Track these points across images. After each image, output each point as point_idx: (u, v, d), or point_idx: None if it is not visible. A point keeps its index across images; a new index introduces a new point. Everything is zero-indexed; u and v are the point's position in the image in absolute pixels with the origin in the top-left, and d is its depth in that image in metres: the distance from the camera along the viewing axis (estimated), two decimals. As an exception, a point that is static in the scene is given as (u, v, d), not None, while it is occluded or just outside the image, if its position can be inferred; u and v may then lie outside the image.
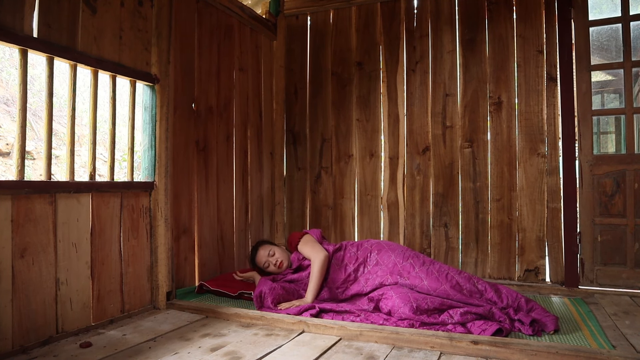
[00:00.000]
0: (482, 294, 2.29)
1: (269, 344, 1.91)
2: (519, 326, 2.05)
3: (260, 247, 2.83)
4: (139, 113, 2.52)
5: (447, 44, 3.26)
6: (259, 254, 2.80)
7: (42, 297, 1.89)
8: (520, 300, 2.24)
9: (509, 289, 2.32)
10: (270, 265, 2.75)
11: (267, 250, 2.79)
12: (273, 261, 2.75)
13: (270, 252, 2.78)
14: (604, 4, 6.24)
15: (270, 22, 3.64)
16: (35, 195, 1.87)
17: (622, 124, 5.52)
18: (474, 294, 2.28)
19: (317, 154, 3.67)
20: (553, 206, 2.96)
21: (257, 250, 2.82)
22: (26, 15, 1.85)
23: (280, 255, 2.77)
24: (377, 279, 2.43)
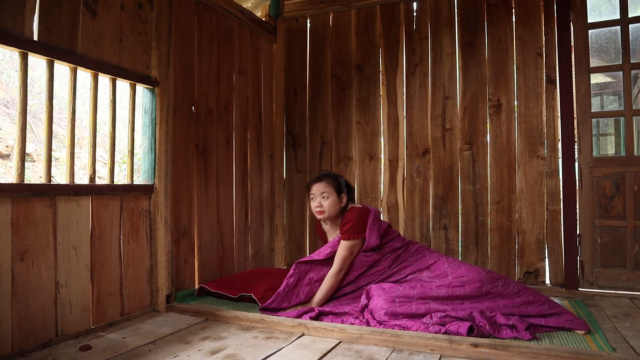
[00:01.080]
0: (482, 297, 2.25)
1: (269, 347, 1.91)
2: (514, 334, 2.00)
3: (323, 179, 2.57)
4: (139, 116, 2.52)
5: (446, 47, 3.27)
6: (315, 185, 2.57)
7: (41, 300, 1.89)
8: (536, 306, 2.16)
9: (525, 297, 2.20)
10: (311, 202, 2.58)
11: (324, 188, 2.53)
12: (316, 203, 2.55)
13: (325, 193, 2.53)
14: (602, 6, 6.26)
15: (270, 25, 3.65)
16: (35, 198, 1.87)
17: (621, 126, 5.53)
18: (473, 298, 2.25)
19: (316, 157, 3.67)
20: (553, 208, 2.96)
21: (319, 180, 2.58)
22: (26, 19, 1.86)
23: (328, 207, 2.53)
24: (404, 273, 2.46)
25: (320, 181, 2.56)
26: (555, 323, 2.09)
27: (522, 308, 2.16)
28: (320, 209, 2.54)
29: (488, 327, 2.01)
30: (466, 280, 2.25)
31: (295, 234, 3.73)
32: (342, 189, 2.59)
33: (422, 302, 2.20)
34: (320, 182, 2.55)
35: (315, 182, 2.57)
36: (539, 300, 2.19)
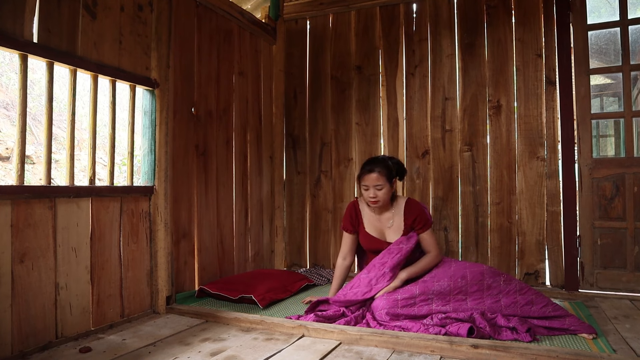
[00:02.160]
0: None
1: (269, 349, 1.91)
2: (514, 335, 2.00)
3: (375, 170, 2.42)
4: (139, 117, 2.52)
5: (446, 48, 3.27)
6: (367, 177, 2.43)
7: (41, 301, 1.89)
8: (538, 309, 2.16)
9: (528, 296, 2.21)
10: (363, 191, 2.48)
11: (377, 180, 2.41)
12: (371, 194, 2.44)
13: (379, 185, 2.42)
14: (602, 7, 6.26)
15: (270, 27, 3.65)
16: (35, 200, 1.87)
17: (621, 128, 5.53)
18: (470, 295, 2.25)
19: (316, 158, 3.67)
20: (553, 209, 2.96)
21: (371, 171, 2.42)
22: (26, 21, 1.86)
23: (382, 197, 2.44)
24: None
25: (372, 172, 2.43)
26: (560, 325, 2.08)
27: (525, 308, 2.16)
28: (374, 199, 2.45)
29: (488, 328, 2.01)
30: (468, 272, 2.26)
31: (295, 235, 3.73)
32: (393, 176, 2.49)
33: (424, 301, 2.21)
34: (372, 173, 2.42)
35: (368, 173, 2.44)
36: (543, 301, 2.18)
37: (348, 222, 2.63)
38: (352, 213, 2.62)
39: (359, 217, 2.62)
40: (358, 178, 2.52)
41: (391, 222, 2.53)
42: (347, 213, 2.64)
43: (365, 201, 2.53)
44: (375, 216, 2.57)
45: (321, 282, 3.23)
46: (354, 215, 2.62)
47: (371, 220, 2.58)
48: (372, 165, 2.46)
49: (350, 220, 2.62)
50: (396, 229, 2.52)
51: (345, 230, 2.65)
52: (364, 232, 2.59)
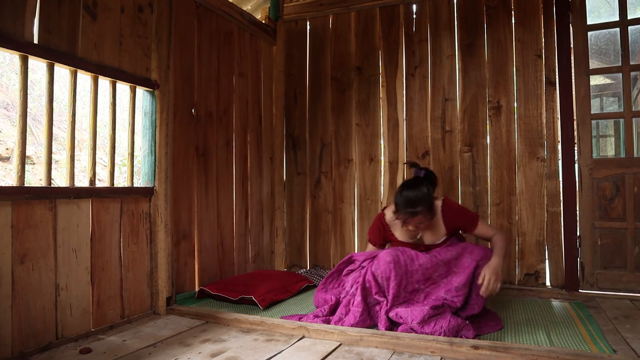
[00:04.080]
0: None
1: (269, 350, 1.91)
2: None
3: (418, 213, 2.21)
4: (139, 118, 2.52)
5: (446, 49, 3.27)
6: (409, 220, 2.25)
7: (41, 302, 1.89)
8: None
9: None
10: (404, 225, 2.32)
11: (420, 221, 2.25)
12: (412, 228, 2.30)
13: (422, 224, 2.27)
14: (602, 8, 6.26)
15: (270, 28, 3.65)
16: (35, 201, 1.87)
17: (621, 128, 5.53)
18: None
19: (316, 159, 3.67)
20: (553, 210, 2.96)
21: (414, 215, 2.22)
22: (27, 22, 1.86)
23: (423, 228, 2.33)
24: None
25: (415, 216, 2.24)
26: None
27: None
28: (414, 231, 2.37)
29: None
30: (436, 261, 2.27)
31: (295, 236, 3.73)
32: (432, 203, 2.32)
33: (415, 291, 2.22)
34: (415, 217, 2.24)
35: (411, 216, 2.24)
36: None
37: (375, 235, 2.54)
38: (379, 228, 2.52)
39: (387, 230, 2.51)
40: (396, 207, 2.30)
41: (430, 233, 2.41)
42: (375, 227, 2.55)
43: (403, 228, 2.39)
44: (403, 230, 2.45)
45: (321, 282, 3.22)
46: (382, 229, 2.51)
47: (403, 230, 2.45)
48: (414, 205, 2.22)
49: (378, 234, 2.53)
50: (434, 232, 2.40)
51: (373, 244, 2.57)
52: (397, 242, 2.49)
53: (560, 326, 2.22)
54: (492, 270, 2.16)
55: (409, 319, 2.09)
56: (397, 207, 2.28)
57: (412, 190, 2.25)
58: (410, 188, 2.26)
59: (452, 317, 2.06)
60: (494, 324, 2.20)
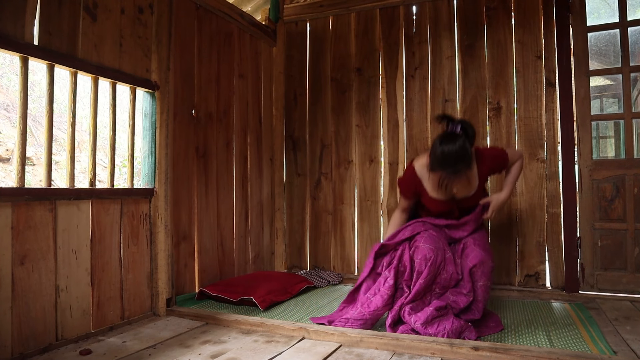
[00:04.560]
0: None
1: (269, 351, 1.91)
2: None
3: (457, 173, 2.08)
4: (139, 119, 2.52)
5: (446, 50, 3.28)
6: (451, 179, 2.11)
7: (41, 304, 1.89)
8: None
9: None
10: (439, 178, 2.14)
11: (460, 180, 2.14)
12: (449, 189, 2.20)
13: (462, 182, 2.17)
14: (601, 9, 6.27)
15: (270, 29, 3.66)
16: (35, 202, 1.87)
17: (621, 129, 5.53)
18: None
19: (316, 160, 3.67)
20: (553, 211, 2.96)
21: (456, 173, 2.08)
22: (27, 23, 1.86)
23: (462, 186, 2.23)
24: None
25: (456, 175, 2.09)
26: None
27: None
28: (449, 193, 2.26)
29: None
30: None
31: (295, 237, 3.73)
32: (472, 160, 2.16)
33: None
34: (456, 176, 2.10)
35: (448, 178, 2.10)
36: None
37: (408, 190, 2.38)
38: (410, 182, 2.35)
39: (418, 184, 2.34)
40: (431, 167, 2.14)
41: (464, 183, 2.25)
42: (407, 182, 2.37)
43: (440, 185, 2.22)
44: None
45: (321, 284, 3.23)
46: (413, 182, 2.34)
47: (435, 186, 2.28)
48: (457, 162, 2.05)
49: (410, 186, 2.36)
50: (467, 185, 2.27)
51: (405, 197, 2.43)
52: (428, 197, 2.34)
53: (560, 327, 2.22)
54: (499, 206, 2.33)
55: (412, 319, 2.09)
56: (434, 166, 2.11)
57: (451, 145, 2.04)
58: (449, 143, 2.05)
59: (455, 319, 2.06)
60: (494, 326, 2.20)
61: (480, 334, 2.10)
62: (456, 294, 2.21)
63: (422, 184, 2.33)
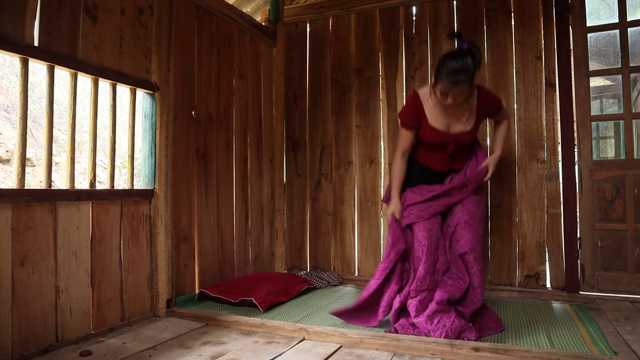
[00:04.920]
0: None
1: (270, 352, 1.91)
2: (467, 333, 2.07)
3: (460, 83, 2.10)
4: (139, 120, 2.52)
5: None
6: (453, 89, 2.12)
7: (42, 305, 1.89)
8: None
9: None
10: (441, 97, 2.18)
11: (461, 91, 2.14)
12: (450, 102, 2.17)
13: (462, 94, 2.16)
14: (601, 10, 6.28)
15: (270, 30, 3.66)
16: (35, 203, 1.87)
17: (621, 129, 5.54)
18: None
19: (316, 161, 3.67)
20: (553, 212, 2.96)
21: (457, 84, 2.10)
22: (27, 25, 1.87)
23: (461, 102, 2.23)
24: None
25: (458, 85, 2.12)
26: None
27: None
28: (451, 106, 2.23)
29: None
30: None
31: (295, 238, 3.73)
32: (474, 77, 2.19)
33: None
34: (458, 86, 2.12)
35: (454, 85, 2.12)
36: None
37: (410, 117, 2.37)
38: (414, 106, 2.36)
39: (420, 110, 2.35)
40: (436, 79, 2.18)
41: (462, 118, 2.32)
42: (409, 108, 2.38)
43: (440, 103, 2.26)
44: (441, 112, 2.33)
45: (322, 285, 3.22)
46: (416, 108, 2.36)
47: (435, 113, 2.33)
48: (459, 72, 2.10)
49: (413, 114, 2.36)
50: (467, 122, 2.34)
51: (406, 127, 2.39)
52: (428, 127, 2.35)
53: (560, 328, 2.21)
54: (495, 165, 2.44)
55: (413, 313, 2.13)
56: (438, 77, 2.16)
57: (455, 59, 2.12)
58: (454, 58, 2.13)
59: (456, 318, 2.06)
60: (495, 326, 2.20)
61: (481, 335, 2.09)
62: (453, 278, 2.25)
63: (424, 110, 2.35)
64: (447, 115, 2.32)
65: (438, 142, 2.36)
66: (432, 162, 2.45)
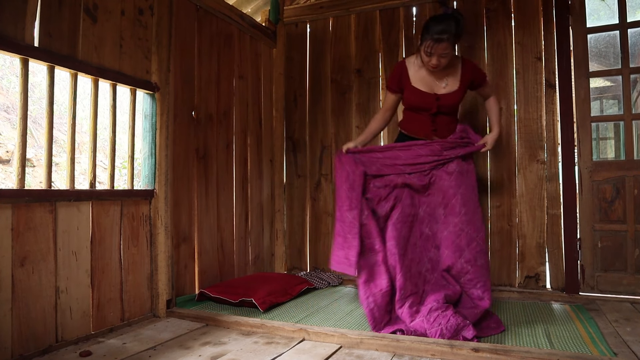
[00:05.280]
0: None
1: (269, 352, 1.91)
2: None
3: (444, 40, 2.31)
4: (139, 121, 2.52)
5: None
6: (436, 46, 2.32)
7: (41, 305, 1.89)
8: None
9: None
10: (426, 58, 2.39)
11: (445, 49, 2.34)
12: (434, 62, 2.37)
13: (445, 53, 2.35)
14: (601, 11, 6.28)
15: (270, 30, 3.66)
16: (35, 203, 1.87)
17: (621, 130, 5.54)
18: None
19: (317, 161, 3.67)
20: (553, 212, 2.96)
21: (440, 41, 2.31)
22: (27, 25, 1.87)
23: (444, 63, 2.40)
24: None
25: (442, 42, 2.32)
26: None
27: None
28: (435, 66, 2.41)
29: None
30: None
31: (295, 238, 3.73)
32: (457, 38, 2.42)
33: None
34: (442, 43, 2.32)
35: (437, 42, 2.32)
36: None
37: (393, 81, 2.58)
38: (398, 70, 2.57)
39: (404, 74, 2.55)
40: (422, 39, 2.39)
41: (444, 83, 2.50)
42: (394, 72, 2.59)
43: (425, 65, 2.45)
44: (426, 74, 2.51)
45: (322, 285, 3.22)
46: (400, 73, 2.56)
47: (419, 76, 2.52)
48: (444, 31, 2.32)
49: (396, 79, 2.58)
50: (450, 86, 2.50)
51: (390, 90, 2.62)
52: (411, 88, 2.52)
53: (560, 329, 2.21)
54: (494, 141, 2.54)
55: (408, 319, 2.14)
56: (423, 37, 2.37)
57: (439, 21, 2.35)
58: (438, 19, 2.37)
59: (453, 316, 2.06)
60: (495, 327, 2.20)
61: (481, 335, 2.09)
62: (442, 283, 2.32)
63: (408, 74, 2.54)
64: (430, 79, 2.51)
65: (422, 103, 2.50)
66: (416, 127, 2.56)
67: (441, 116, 2.52)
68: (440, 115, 2.51)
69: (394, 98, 2.64)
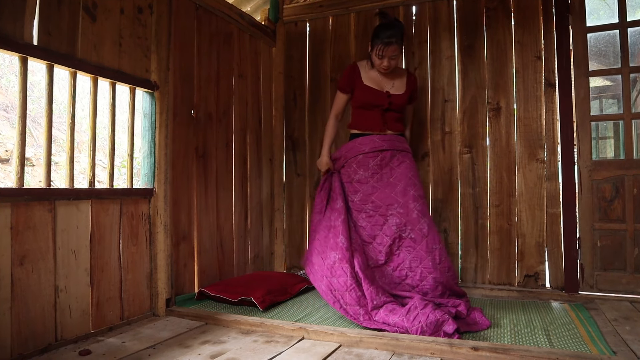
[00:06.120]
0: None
1: (269, 351, 1.91)
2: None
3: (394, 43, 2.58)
4: (139, 120, 2.52)
5: (445, 50, 3.28)
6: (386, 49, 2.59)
7: (41, 304, 1.89)
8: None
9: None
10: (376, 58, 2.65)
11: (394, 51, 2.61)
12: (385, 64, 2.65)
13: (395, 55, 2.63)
14: (601, 10, 6.28)
15: (270, 29, 3.66)
16: (34, 202, 1.87)
17: (620, 129, 5.54)
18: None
19: (316, 160, 3.66)
20: (552, 211, 2.96)
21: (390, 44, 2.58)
22: (26, 23, 1.86)
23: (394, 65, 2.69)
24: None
25: (391, 45, 2.58)
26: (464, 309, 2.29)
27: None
28: (386, 68, 2.66)
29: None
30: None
31: (295, 237, 3.73)
32: (403, 39, 2.68)
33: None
34: (392, 45, 2.58)
35: (387, 45, 2.58)
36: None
37: (345, 81, 2.81)
38: (350, 72, 2.80)
39: (356, 74, 2.78)
40: (372, 44, 2.64)
41: (392, 84, 2.76)
42: (346, 73, 2.81)
43: (376, 67, 2.70)
44: (376, 76, 2.76)
45: (321, 284, 3.22)
46: (352, 74, 2.79)
47: (370, 76, 2.76)
48: (392, 36, 2.57)
49: (348, 79, 2.80)
50: (397, 89, 2.77)
51: (342, 90, 2.85)
52: (362, 86, 2.75)
53: (560, 328, 2.22)
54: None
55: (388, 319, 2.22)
56: (374, 42, 2.63)
57: (387, 27, 2.60)
58: (386, 26, 2.62)
59: (432, 312, 2.09)
60: (482, 322, 2.23)
61: (468, 329, 2.16)
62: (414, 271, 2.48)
63: (360, 75, 2.77)
64: (380, 79, 2.75)
65: (374, 99, 2.72)
66: (369, 123, 2.74)
67: (391, 112, 2.75)
68: (390, 112, 2.74)
69: (344, 98, 2.86)
